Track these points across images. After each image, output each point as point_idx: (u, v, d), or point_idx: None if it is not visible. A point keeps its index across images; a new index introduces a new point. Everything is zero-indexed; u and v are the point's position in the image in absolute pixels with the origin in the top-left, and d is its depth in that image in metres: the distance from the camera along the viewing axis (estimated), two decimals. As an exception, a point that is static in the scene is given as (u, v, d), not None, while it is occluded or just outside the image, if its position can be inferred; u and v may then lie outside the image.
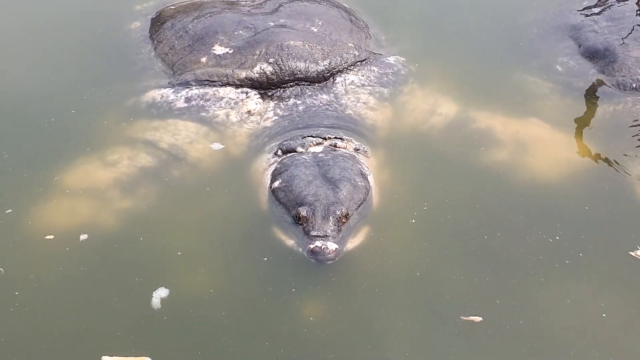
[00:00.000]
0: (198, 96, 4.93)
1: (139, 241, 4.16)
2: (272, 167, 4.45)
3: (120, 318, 3.81)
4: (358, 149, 4.60)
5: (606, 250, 4.18)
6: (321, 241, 3.89)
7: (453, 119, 4.94)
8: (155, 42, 5.41)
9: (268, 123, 4.80)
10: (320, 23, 5.32)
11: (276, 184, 4.26)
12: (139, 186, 4.42)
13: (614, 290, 3.98)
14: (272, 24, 5.22)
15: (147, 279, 3.96)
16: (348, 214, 4.05)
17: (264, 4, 5.57)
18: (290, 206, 4.11)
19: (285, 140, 4.60)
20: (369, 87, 5.07)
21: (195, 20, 5.34)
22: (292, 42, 5.04)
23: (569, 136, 4.94)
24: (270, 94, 4.95)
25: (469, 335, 3.74)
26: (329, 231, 3.95)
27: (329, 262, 3.88)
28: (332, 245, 3.89)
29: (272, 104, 4.89)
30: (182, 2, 5.78)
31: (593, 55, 5.37)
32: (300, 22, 5.28)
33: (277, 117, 4.82)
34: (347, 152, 4.53)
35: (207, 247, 4.17)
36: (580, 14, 5.82)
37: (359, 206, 4.17)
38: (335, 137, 4.61)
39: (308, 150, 4.49)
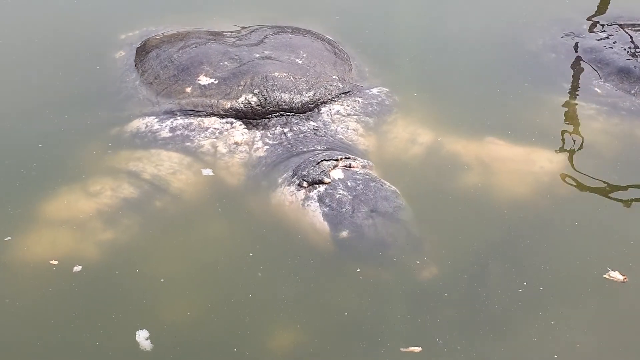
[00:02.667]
0: (182, 126, 4.94)
1: (123, 272, 4.14)
2: (314, 208, 4.37)
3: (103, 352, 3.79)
4: (365, 166, 4.65)
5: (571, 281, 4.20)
6: (427, 270, 4.19)
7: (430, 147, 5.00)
8: (140, 71, 5.42)
9: (261, 152, 4.82)
10: (304, 55, 5.36)
11: (344, 234, 4.26)
12: (122, 217, 4.41)
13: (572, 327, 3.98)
14: (257, 55, 5.26)
15: (131, 311, 3.94)
16: (421, 238, 4.32)
17: (249, 35, 5.60)
18: (375, 247, 4.24)
19: (303, 171, 4.52)
20: (355, 117, 5.10)
21: (180, 51, 5.36)
22: (277, 73, 5.07)
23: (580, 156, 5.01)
24: (255, 123, 4.97)
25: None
26: (423, 257, 4.21)
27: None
28: (434, 268, 4.21)
29: (258, 133, 4.91)
30: (167, 32, 5.81)
31: (626, 75, 5.47)
32: (285, 54, 5.32)
33: (267, 146, 4.84)
34: (363, 170, 4.58)
35: (192, 277, 4.15)
36: (590, 38, 5.91)
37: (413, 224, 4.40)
38: (345, 158, 4.63)
39: (332, 178, 4.47)
